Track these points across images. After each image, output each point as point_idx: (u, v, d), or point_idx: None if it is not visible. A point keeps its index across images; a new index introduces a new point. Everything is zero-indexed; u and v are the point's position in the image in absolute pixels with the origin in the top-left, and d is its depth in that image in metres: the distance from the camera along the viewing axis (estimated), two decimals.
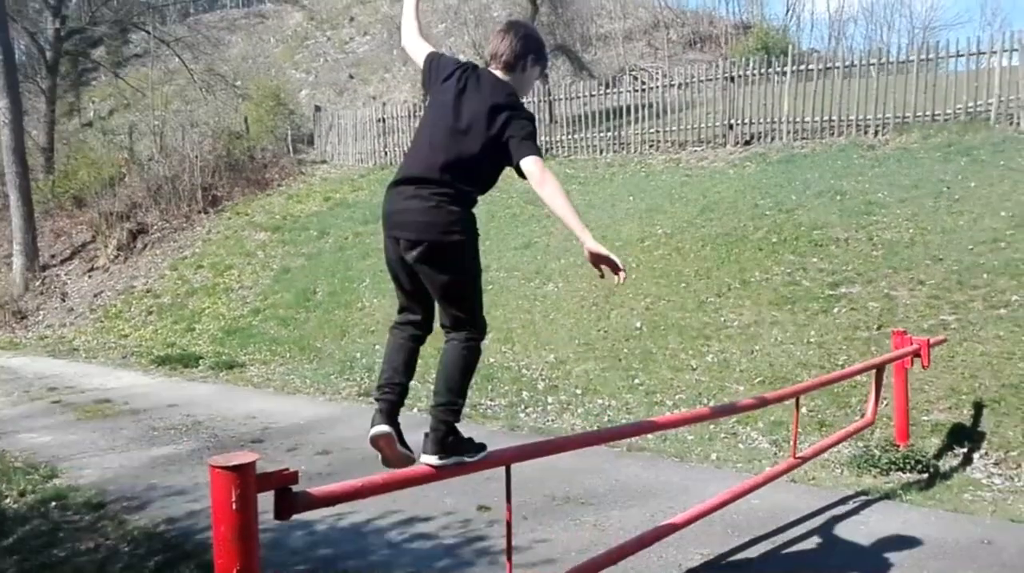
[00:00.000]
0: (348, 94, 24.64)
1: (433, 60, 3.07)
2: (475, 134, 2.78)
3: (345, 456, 6.13)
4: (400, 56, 24.39)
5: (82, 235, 16.94)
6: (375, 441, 2.72)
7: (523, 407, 7.79)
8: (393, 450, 2.73)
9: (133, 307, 13.77)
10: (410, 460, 2.76)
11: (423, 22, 3.28)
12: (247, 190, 17.13)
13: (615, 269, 2.71)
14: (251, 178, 17.58)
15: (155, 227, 16.28)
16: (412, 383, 3.03)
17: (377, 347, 9.89)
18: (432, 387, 3.00)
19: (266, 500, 2.14)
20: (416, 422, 3.30)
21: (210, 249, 14.81)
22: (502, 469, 3.01)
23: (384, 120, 17.76)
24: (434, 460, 2.75)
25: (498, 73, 2.94)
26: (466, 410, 8.06)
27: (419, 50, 3.17)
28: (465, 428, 2.98)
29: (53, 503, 5.26)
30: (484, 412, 7.74)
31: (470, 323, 2.95)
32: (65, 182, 17.84)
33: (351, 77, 25.56)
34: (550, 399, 7.83)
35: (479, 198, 2.90)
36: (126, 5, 22.92)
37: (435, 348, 3.00)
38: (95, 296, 14.66)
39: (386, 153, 17.44)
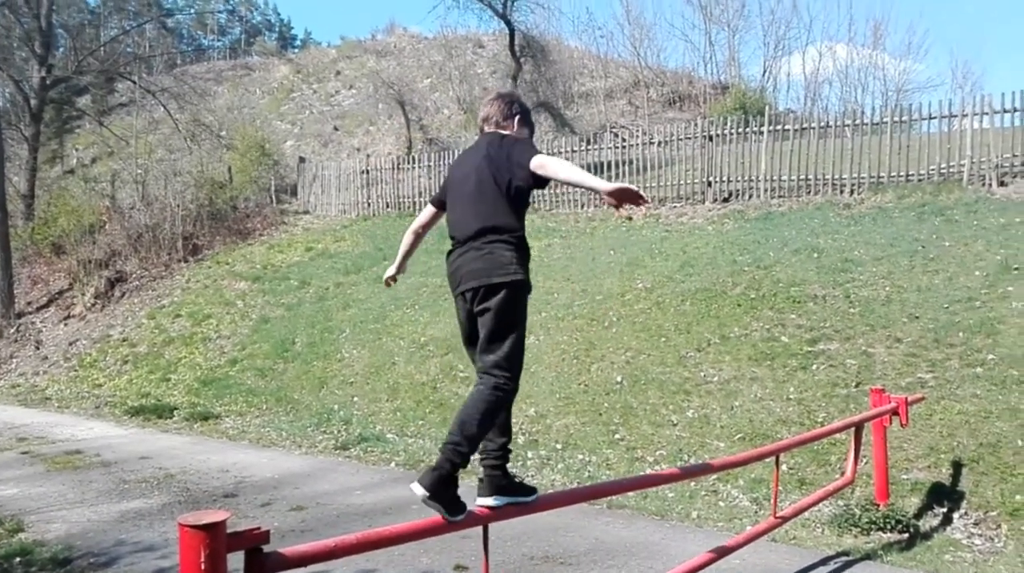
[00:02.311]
0: (333, 146, 24.84)
1: (444, 182, 3.43)
2: (482, 178, 3.05)
3: (320, 512, 6.01)
4: (385, 110, 24.72)
5: (59, 282, 16.77)
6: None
7: None
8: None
9: (108, 356, 13.57)
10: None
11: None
12: (228, 239, 17.11)
13: (636, 197, 2.78)
14: (233, 227, 17.58)
15: (134, 275, 16.16)
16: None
17: (356, 399, 9.80)
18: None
19: (236, 559, 2.08)
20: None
21: (189, 298, 14.69)
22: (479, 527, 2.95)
23: (368, 172, 17.90)
24: (431, 501, 2.82)
25: (489, 129, 3.27)
26: None
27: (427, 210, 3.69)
28: None
29: (17, 559, 5.09)
30: None
31: (508, 367, 3.01)
32: (44, 229, 17.74)
33: (336, 129, 25.80)
34: (530, 454, 7.75)
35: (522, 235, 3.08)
36: (113, 55, 23.13)
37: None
38: (70, 344, 14.46)
39: (369, 204, 17.53)
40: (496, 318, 2.94)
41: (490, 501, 2.92)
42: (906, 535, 5.33)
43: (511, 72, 21.35)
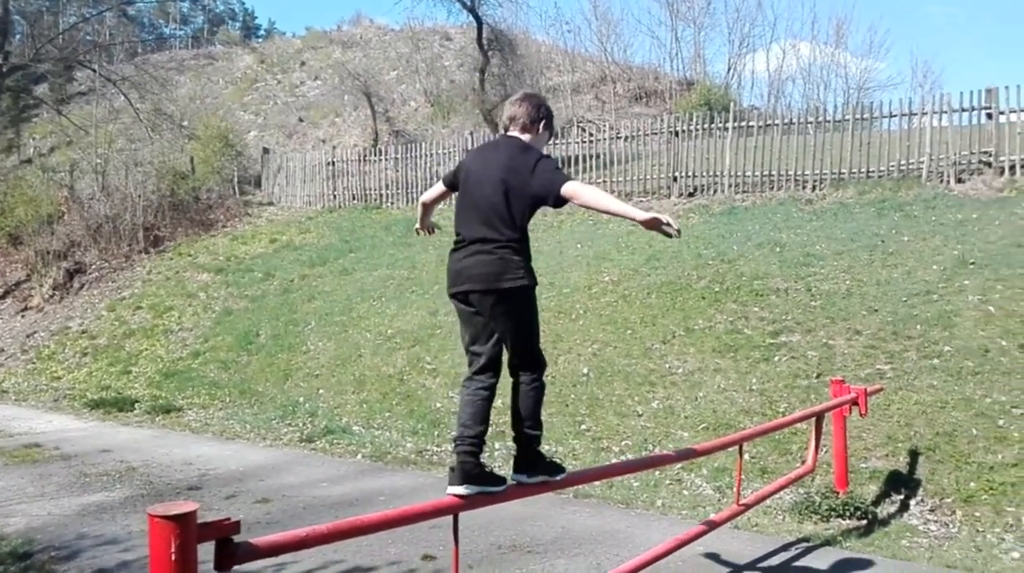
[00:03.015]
0: (297, 137, 24.60)
1: (457, 170, 3.43)
2: (503, 185, 3.10)
3: (286, 504, 5.99)
4: (351, 102, 24.53)
5: (16, 274, 16.40)
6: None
7: None
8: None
9: (67, 348, 13.32)
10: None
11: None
12: (191, 231, 16.86)
13: (668, 225, 2.96)
14: (195, 219, 17.33)
15: (93, 267, 15.86)
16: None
17: (321, 391, 9.74)
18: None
19: (204, 551, 2.08)
20: None
21: (150, 290, 14.47)
22: (449, 517, 2.97)
23: (334, 163, 17.76)
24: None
25: (516, 133, 3.30)
26: (410, 456, 7.96)
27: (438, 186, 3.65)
28: (411, 475, 2.98)
29: None
30: (430, 458, 7.65)
31: (538, 364, 3.23)
32: (1, 219, 17.31)
33: (301, 120, 25.55)
34: (498, 445, 7.77)
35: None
36: (72, 43, 22.62)
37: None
38: (28, 337, 14.16)
39: (335, 196, 17.40)
40: (516, 323, 3.10)
41: (461, 489, 2.96)
42: (864, 521, 5.46)
43: (479, 65, 21.32)
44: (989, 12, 55.38)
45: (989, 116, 11.12)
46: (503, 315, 3.07)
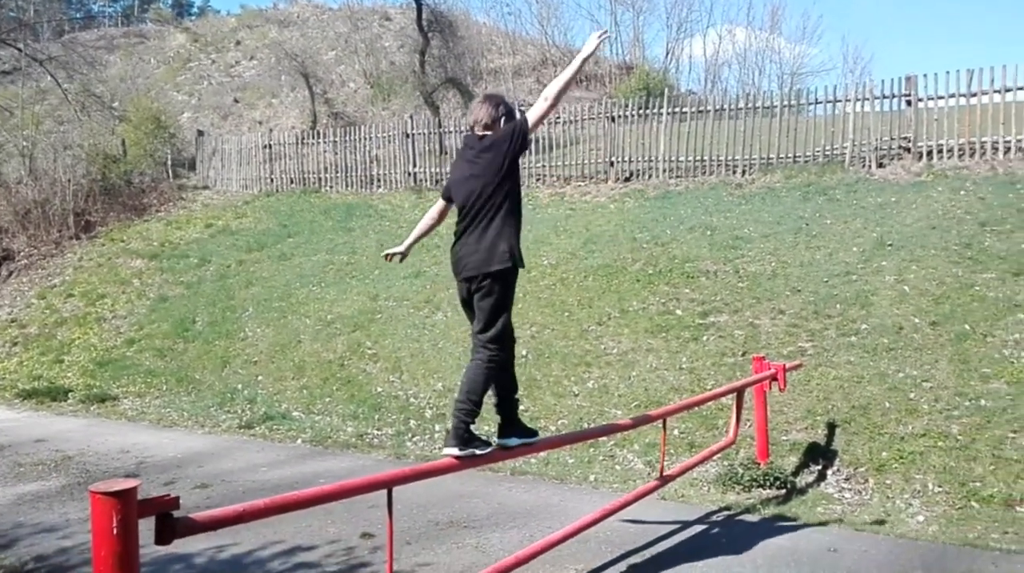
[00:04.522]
0: (233, 119, 24.13)
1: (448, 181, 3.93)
2: (482, 183, 3.60)
3: (225, 489, 6.04)
4: (288, 82, 24.16)
5: None
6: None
7: (410, 436, 7.86)
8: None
9: None
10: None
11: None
12: (123, 216, 16.47)
13: (601, 35, 3.77)
14: (128, 203, 16.92)
15: (22, 253, 15.39)
16: None
17: (260, 378, 9.73)
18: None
19: (146, 535, 2.17)
20: None
21: (82, 277, 14.14)
22: (385, 497, 3.10)
23: (271, 146, 17.53)
24: (454, 450, 3.47)
25: (480, 132, 3.75)
26: (351, 440, 8.06)
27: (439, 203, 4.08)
28: (351, 458, 3.13)
29: None
30: (371, 441, 7.76)
31: (499, 342, 3.66)
32: None
33: (236, 101, 25.05)
34: (437, 427, 7.93)
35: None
36: None
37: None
38: None
39: (272, 180, 17.19)
40: (490, 302, 3.57)
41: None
42: (784, 491, 5.79)
43: (418, 47, 21.19)
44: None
45: (908, 103, 11.62)
46: (484, 294, 3.58)
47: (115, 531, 2.04)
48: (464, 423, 3.49)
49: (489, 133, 3.69)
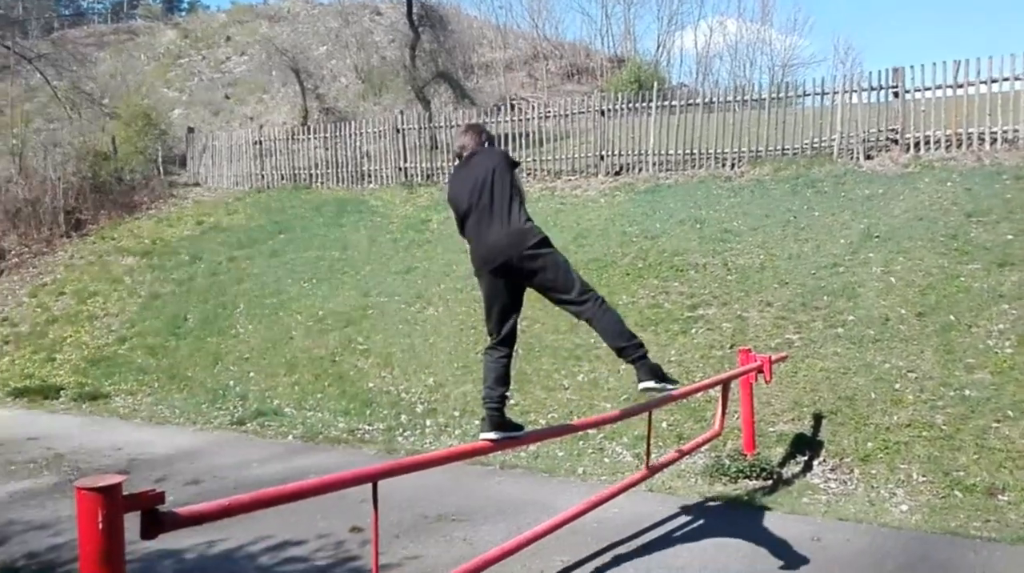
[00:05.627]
0: (224, 115, 24.07)
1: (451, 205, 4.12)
2: (492, 178, 3.84)
3: (216, 485, 6.08)
4: (279, 78, 24.09)
5: None
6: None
7: (401, 431, 7.91)
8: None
9: None
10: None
11: None
12: (114, 213, 16.44)
13: None
14: (118, 201, 16.88)
15: (13, 252, 15.36)
16: None
17: (252, 375, 9.76)
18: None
19: (132, 533, 2.20)
20: None
21: (73, 275, 14.13)
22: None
23: (261, 142, 17.49)
24: (650, 383, 3.77)
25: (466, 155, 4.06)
26: (342, 436, 8.09)
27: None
28: (342, 453, 3.18)
29: None
30: (362, 437, 7.80)
31: (589, 288, 3.87)
32: None
33: (227, 97, 24.99)
34: (428, 422, 7.98)
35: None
36: None
37: None
38: None
39: (263, 176, 17.16)
40: (555, 266, 3.77)
41: (492, 435, 3.67)
42: (770, 481, 5.85)
43: (409, 41, 21.16)
44: None
45: (896, 95, 11.67)
46: (539, 269, 3.74)
47: (101, 526, 2.07)
48: (645, 358, 3.78)
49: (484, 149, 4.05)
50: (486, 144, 4.06)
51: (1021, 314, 7.07)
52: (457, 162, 4.16)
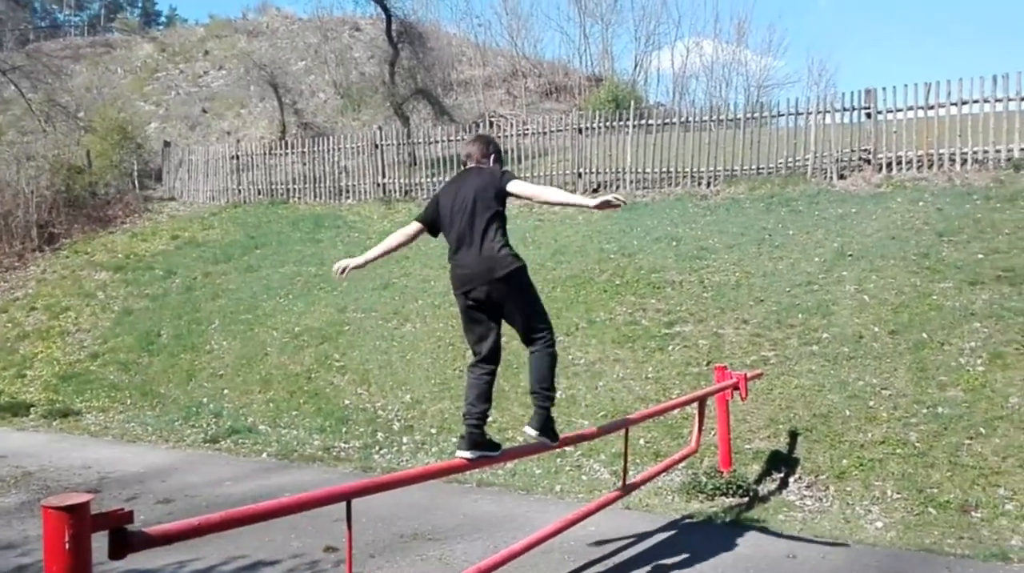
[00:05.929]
0: (201, 129, 23.96)
1: (431, 206, 4.09)
2: (475, 200, 3.83)
3: (188, 504, 5.99)
4: (257, 93, 24.03)
5: None
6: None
7: (378, 448, 7.84)
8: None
9: None
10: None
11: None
12: (88, 227, 16.26)
13: (615, 203, 3.72)
14: (92, 215, 16.70)
15: None
16: None
17: (226, 392, 9.65)
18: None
19: (101, 553, 2.15)
20: None
21: (45, 290, 13.93)
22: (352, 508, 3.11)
23: (239, 157, 17.40)
24: (534, 432, 3.88)
25: (472, 165, 4.11)
26: (317, 453, 8.04)
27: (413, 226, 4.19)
28: (317, 471, 3.14)
29: None
30: (337, 454, 7.73)
31: (547, 327, 3.92)
32: None
33: (204, 111, 24.88)
34: (405, 439, 7.93)
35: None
36: None
37: None
38: None
39: (240, 191, 17.06)
40: (520, 300, 3.81)
41: (468, 454, 3.68)
42: (746, 499, 5.87)
43: (388, 58, 21.20)
44: (876, 11, 58.37)
45: (868, 115, 11.86)
46: (508, 297, 3.75)
47: (67, 546, 2.03)
48: (545, 410, 3.86)
49: (482, 167, 4.07)
50: (491, 158, 4.10)
51: (992, 332, 7.17)
52: (462, 168, 4.24)
